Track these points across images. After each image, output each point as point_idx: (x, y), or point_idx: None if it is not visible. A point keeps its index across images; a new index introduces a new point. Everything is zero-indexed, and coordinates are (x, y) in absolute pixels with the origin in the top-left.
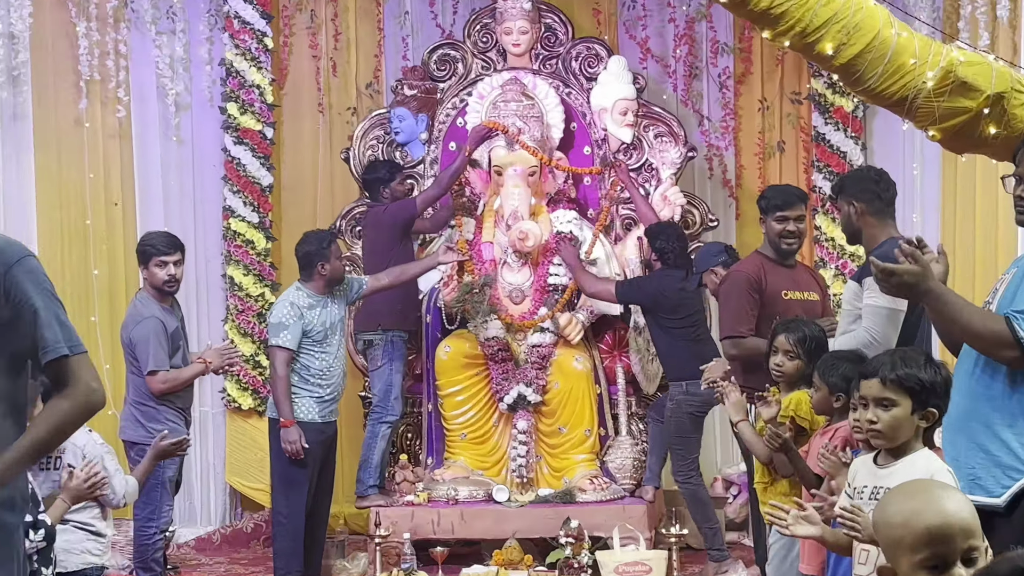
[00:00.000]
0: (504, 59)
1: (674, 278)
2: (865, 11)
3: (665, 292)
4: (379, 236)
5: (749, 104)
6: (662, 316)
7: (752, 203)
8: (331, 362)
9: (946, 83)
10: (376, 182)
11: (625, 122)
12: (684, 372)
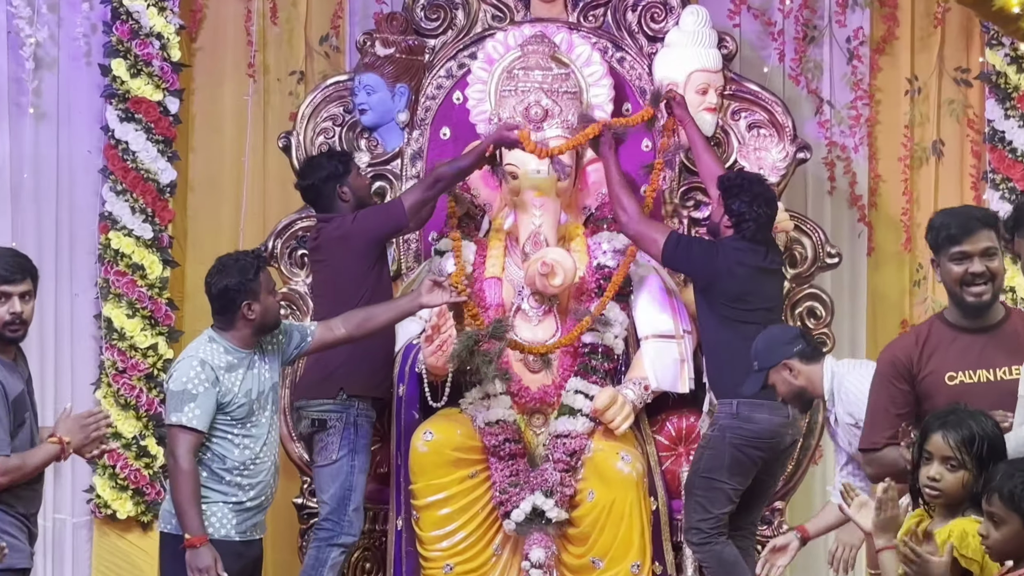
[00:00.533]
0: (526, 6)
1: (752, 254)
2: None
3: (735, 269)
4: (345, 260)
5: (892, 84)
6: (723, 303)
7: (891, 230)
8: (258, 451)
9: None
10: (325, 183)
11: (705, 104)
12: (741, 387)
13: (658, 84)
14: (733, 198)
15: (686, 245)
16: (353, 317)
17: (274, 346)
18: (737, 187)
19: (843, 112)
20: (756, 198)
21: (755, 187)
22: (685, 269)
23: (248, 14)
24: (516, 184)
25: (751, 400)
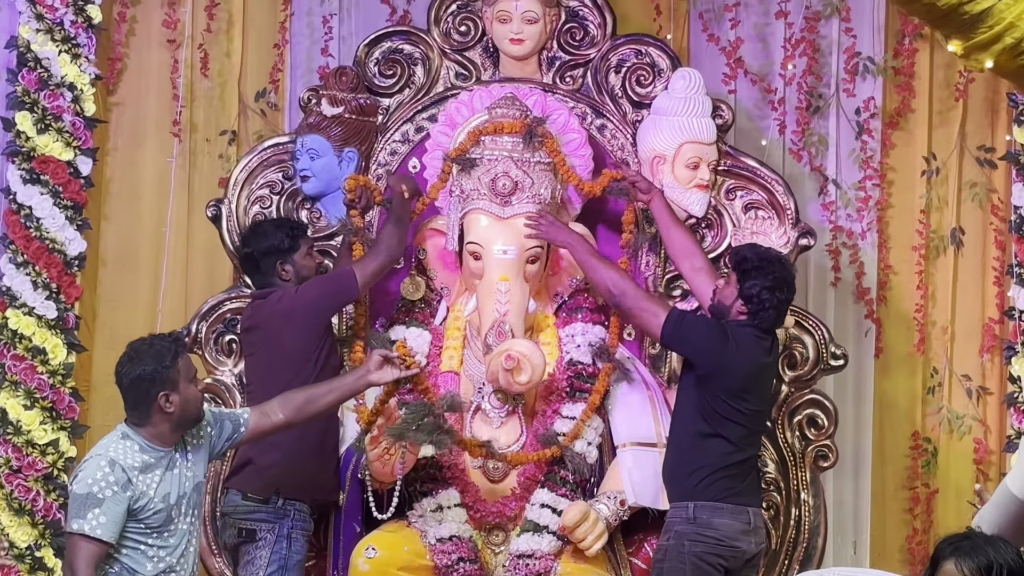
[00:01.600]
0: (495, 64)
1: (761, 345)
2: None
3: (745, 360)
4: (289, 339)
5: (906, 162)
6: (720, 396)
7: (903, 328)
8: (174, 563)
9: None
10: (266, 256)
11: (696, 181)
12: (698, 490)
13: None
14: (751, 280)
15: (692, 324)
16: (292, 400)
17: (199, 439)
18: (756, 268)
19: (851, 193)
20: (778, 282)
21: (776, 268)
22: (688, 351)
23: (175, 65)
24: (479, 266)
25: (710, 503)
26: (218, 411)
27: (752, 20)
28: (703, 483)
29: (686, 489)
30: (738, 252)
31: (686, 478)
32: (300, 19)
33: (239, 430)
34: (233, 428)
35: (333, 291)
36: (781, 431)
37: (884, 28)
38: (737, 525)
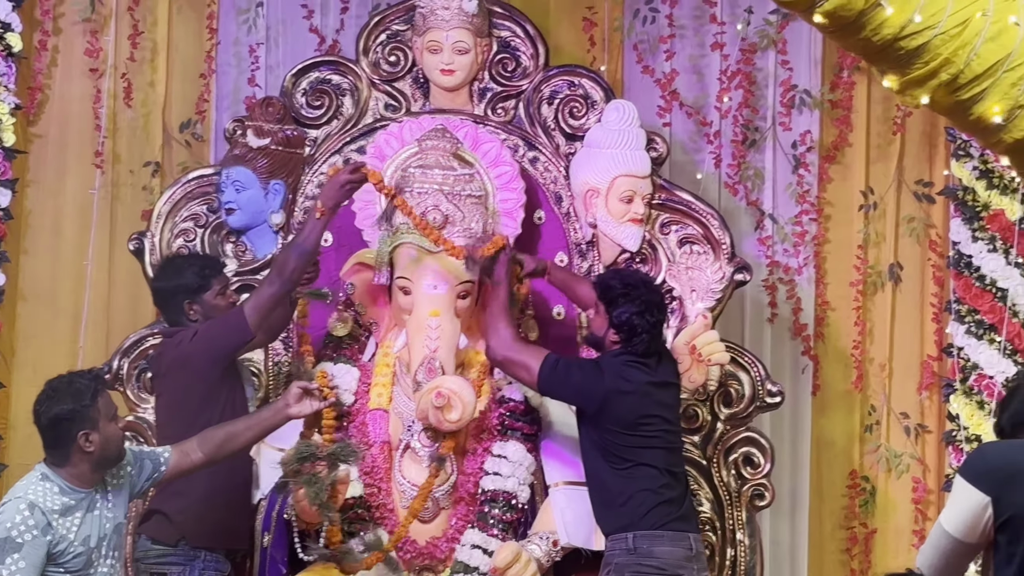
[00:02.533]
0: (425, 95)
1: (641, 369)
2: None
3: (625, 388)
4: (186, 384)
5: (843, 197)
6: (618, 430)
7: (840, 366)
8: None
9: None
10: (174, 294)
11: (630, 215)
12: (635, 519)
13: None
14: (619, 307)
15: (565, 369)
16: (211, 438)
17: (120, 479)
18: (623, 295)
19: (787, 228)
20: (647, 306)
21: (643, 292)
22: (567, 396)
23: (97, 95)
24: (409, 301)
25: (649, 532)
26: (138, 450)
27: (687, 52)
28: (639, 511)
29: (623, 520)
30: (603, 281)
31: (620, 507)
32: (226, 48)
33: (159, 469)
34: (153, 467)
35: (223, 334)
36: (716, 470)
37: (821, 61)
38: (679, 552)
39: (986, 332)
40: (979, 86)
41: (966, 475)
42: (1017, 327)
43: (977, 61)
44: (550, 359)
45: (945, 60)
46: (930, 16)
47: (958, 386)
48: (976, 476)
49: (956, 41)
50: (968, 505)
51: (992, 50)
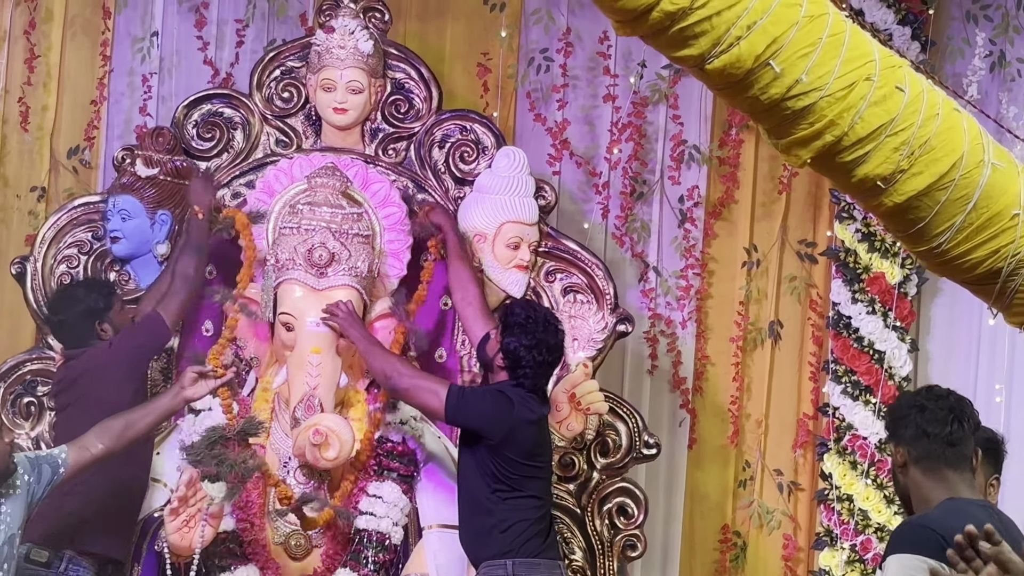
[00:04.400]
0: (317, 132)
1: (532, 406)
2: (942, 121)
3: (529, 419)
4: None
5: (727, 254)
6: (518, 459)
7: (717, 420)
8: None
9: None
10: (83, 319)
11: (516, 261)
12: (515, 547)
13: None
14: (512, 336)
15: (474, 396)
16: (110, 428)
17: (14, 489)
18: (520, 325)
19: (671, 281)
20: (539, 343)
21: (540, 330)
22: (476, 424)
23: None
24: (291, 337)
25: (527, 560)
26: (33, 456)
27: (580, 102)
28: (519, 539)
29: (502, 547)
30: (511, 307)
31: (500, 535)
32: (120, 77)
33: (58, 471)
34: (52, 470)
35: (146, 339)
36: (590, 519)
37: (711, 118)
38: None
39: (862, 393)
40: (862, 149)
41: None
42: (892, 389)
43: (861, 124)
44: (455, 387)
45: (830, 122)
46: (817, 78)
47: (832, 445)
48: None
49: (841, 104)
50: None
51: (876, 114)
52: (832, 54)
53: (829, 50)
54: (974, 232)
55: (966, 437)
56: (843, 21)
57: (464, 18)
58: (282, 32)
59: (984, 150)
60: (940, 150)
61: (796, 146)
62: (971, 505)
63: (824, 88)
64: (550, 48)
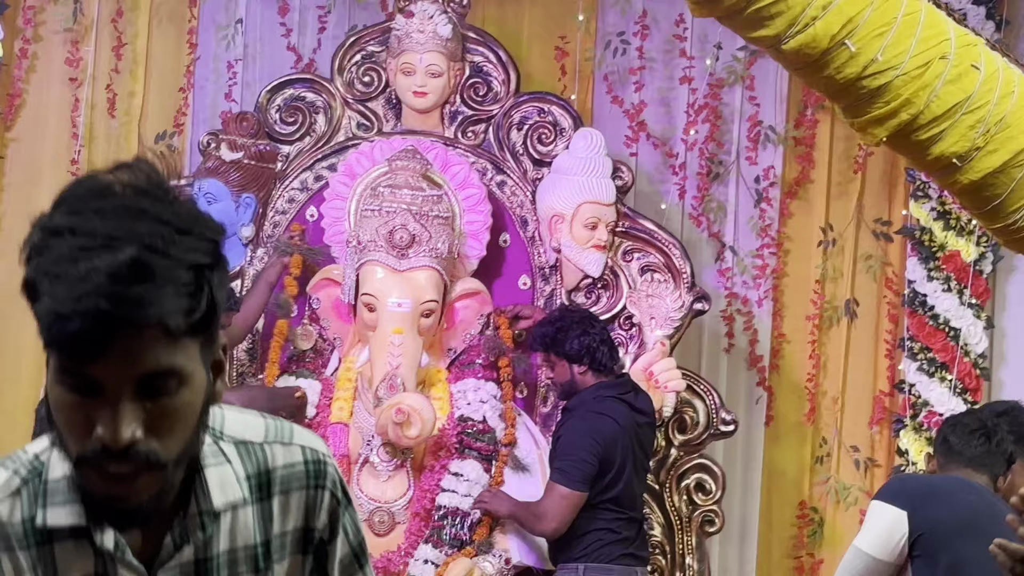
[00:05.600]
0: (397, 115)
1: (620, 403)
2: (1018, 99)
3: (623, 427)
4: None
5: (803, 233)
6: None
7: (794, 397)
8: None
9: None
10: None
11: (593, 241)
12: (588, 552)
13: None
14: (564, 346)
15: (567, 455)
16: None
17: None
18: (559, 331)
19: (747, 261)
20: (582, 325)
21: (569, 317)
22: (594, 470)
23: (76, 103)
24: (373, 318)
25: (600, 565)
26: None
27: (656, 84)
28: (593, 546)
29: (576, 551)
30: (534, 338)
31: (575, 539)
32: (206, 64)
33: None
34: None
35: None
36: (668, 495)
37: (787, 98)
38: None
39: (937, 370)
40: (938, 127)
41: (882, 496)
42: (968, 366)
43: (937, 103)
44: (559, 471)
45: (906, 100)
46: (893, 57)
47: (908, 422)
48: (892, 495)
49: (917, 82)
50: (883, 522)
51: (952, 92)
52: (907, 33)
53: (904, 29)
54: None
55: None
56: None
57: (542, 2)
58: (363, 18)
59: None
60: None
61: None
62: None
63: (900, 67)
64: (627, 31)
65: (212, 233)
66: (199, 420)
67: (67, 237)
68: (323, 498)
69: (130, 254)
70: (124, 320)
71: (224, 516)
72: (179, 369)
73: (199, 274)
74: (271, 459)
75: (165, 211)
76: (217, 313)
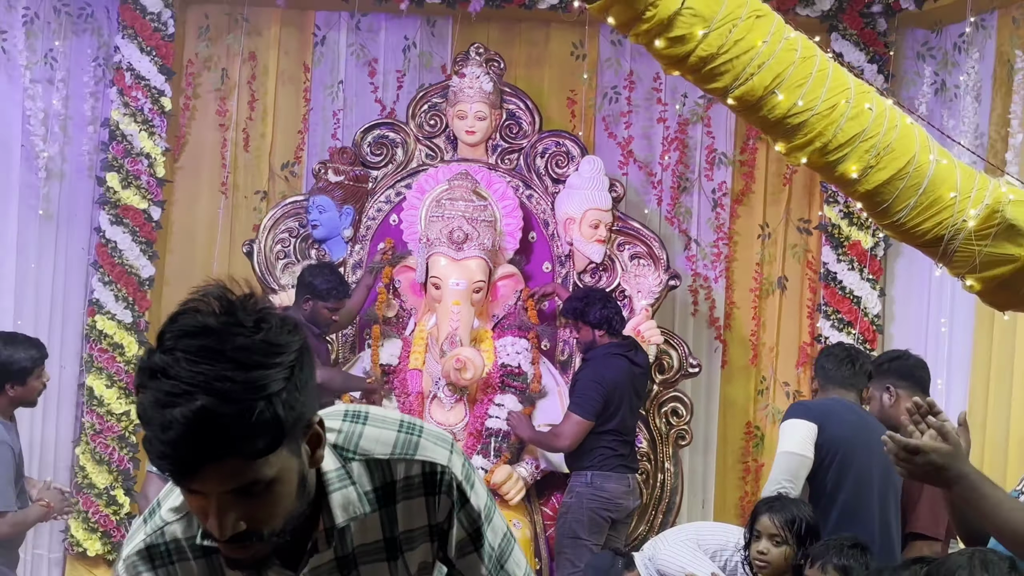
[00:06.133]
0: (454, 148)
1: (623, 358)
2: (900, 131)
3: (616, 379)
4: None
5: (747, 229)
6: (604, 408)
7: (742, 348)
8: None
9: (991, 224)
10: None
11: (596, 237)
12: (594, 463)
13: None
14: (590, 315)
15: (583, 394)
16: None
17: None
18: (585, 305)
19: (707, 249)
20: (602, 301)
21: (595, 296)
22: (602, 406)
23: (224, 142)
24: (438, 294)
25: (603, 472)
26: None
27: (640, 123)
28: (598, 459)
29: (585, 462)
30: (568, 308)
31: (585, 454)
32: (317, 112)
33: None
34: None
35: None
36: (652, 418)
37: (734, 132)
38: (621, 488)
39: (845, 327)
40: (842, 152)
41: (794, 415)
42: (867, 324)
43: (841, 134)
44: (576, 405)
45: (819, 133)
46: (809, 102)
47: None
48: (802, 413)
49: (827, 120)
50: (801, 432)
51: (852, 127)
52: (819, 84)
53: (817, 82)
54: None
55: (857, 375)
56: (827, 60)
57: (557, 66)
58: (429, 78)
59: (930, 151)
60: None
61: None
62: (841, 404)
63: (814, 109)
64: (618, 85)
65: (285, 350)
66: (299, 492)
67: (159, 380)
68: (440, 502)
69: (201, 406)
70: (201, 461)
71: (351, 524)
72: (263, 478)
73: (270, 402)
74: (394, 473)
75: (240, 347)
76: (302, 417)
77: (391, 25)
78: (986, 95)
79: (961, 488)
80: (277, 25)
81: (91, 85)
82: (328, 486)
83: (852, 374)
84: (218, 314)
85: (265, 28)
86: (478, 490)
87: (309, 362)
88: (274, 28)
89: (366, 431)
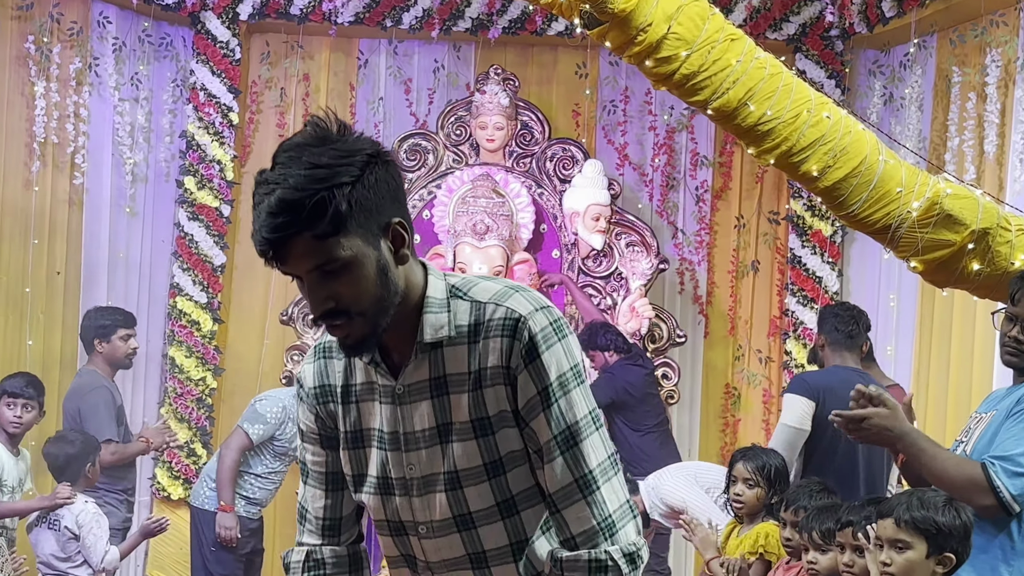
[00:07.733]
0: (477, 154)
1: (637, 367)
2: (853, 135)
3: (634, 383)
4: None
5: (725, 220)
6: (630, 411)
7: (721, 321)
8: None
9: (931, 214)
10: None
11: (597, 228)
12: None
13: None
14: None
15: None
16: None
17: None
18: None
19: (691, 238)
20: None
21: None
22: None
23: None
24: None
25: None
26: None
27: (634, 132)
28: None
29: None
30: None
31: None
32: (360, 124)
33: None
34: None
35: None
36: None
37: (714, 138)
38: None
39: (808, 303)
40: (804, 154)
41: (794, 391)
42: (827, 300)
43: (803, 139)
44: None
45: (784, 138)
46: (776, 112)
47: (791, 334)
48: (801, 390)
49: (791, 127)
50: (798, 408)
51: (812, 133)
52: (785, 96)
53: (783, 94)
54: (874, 202)
55: (860, 333)
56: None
57: (564, 83)
58: (455, 94)
59: (879, 152)
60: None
61: (764, 154)
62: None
63: (780, 118)
64: (616, 99)
65: (355, 155)
66: (380, 280)
67: (261, 186)
68: (514, 346)
69: (278, 195)
70: (281, 240)
71: (443, 348)
72: (337, 257)
73: (332, 193)
74: (485, 314)
75: (316, 154)
76: (372, 212)
77: (423, 50)
78: (928, 105)
79: (904, 445)
80: (327, 51)
81: (170, 103)
82: (427, 307)
83: (857, 332)
84: (309, 135)
85: (317, 53)
86: (558, 354)
87: (388, 171)
88: (325, 53)
89: (482, 283)
